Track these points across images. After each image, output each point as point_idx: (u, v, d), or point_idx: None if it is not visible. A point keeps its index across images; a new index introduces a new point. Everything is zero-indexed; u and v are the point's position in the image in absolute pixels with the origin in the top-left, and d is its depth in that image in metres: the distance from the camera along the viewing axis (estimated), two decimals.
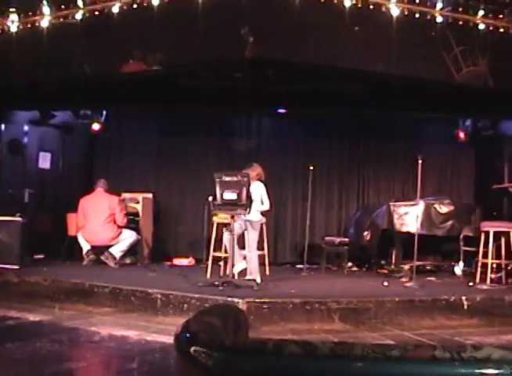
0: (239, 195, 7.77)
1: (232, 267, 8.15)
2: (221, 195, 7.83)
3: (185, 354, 1.55)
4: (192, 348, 1.53)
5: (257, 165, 9.18)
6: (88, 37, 8.78)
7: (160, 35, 8.41)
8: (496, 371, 1.38)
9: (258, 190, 8.80)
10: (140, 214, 11.02)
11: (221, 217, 9.14)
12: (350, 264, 11.10)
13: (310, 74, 8.87)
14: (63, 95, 10.03)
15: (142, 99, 10.47)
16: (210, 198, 8.40)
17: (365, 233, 10.71)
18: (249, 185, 7.97)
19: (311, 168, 10.24)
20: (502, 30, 8.18)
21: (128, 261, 10.72)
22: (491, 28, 8.15)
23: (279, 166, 12.35)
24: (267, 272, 9.66)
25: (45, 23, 8.79)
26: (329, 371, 1.43)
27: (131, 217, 10.84)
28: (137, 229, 10.80)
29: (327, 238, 10.89)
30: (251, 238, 8.71)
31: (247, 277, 8.49)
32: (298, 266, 11.12)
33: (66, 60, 8.96)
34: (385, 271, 10.63)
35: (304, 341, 1.52)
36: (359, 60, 8.24)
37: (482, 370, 1.38)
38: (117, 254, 10.30)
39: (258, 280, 8.51)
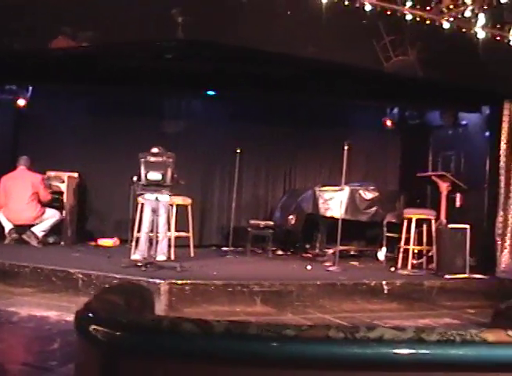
0: (164, 176, 7.75)
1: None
2: (146, 175, 7.79)
3: (84, 332, 1.55)
4: (92, 327, 1.53)
5: None
6: (14, 10, 8.50)
7: (91, 12, 8.21)
8: (388, 350, 1.43)
9: None
10: (65, 193, 10.82)
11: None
12: (274, 248, 11.18)
13: (240, 56, 8.82)
14: None
15: (71, 77, 10.23)
16: (135, 178, 8.33)
17: (291, 217, 10.81)
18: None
19: (238, 150, 10.26)
20: (428, 22, 8.31)
21: (51, 240, 10.52)
22: (418, 19, 8.27)
23: (207, 148, 12.31)
24: (191, 254, 9.68)
25: None
26: (223, 349, 1.45)
27: (56, 196, 10.64)
28: (61, 209, 10.61)
29: (252, 221, 10.94)
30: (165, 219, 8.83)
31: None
32: (223, 249, 11.10)
33: None
34: (309, 255, 10.77)
35: (199, 319, 1.54)
36: (290, 44, 8.24)
37: (374, 350, 1.43)
38: (40, 234, 10.09)
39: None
